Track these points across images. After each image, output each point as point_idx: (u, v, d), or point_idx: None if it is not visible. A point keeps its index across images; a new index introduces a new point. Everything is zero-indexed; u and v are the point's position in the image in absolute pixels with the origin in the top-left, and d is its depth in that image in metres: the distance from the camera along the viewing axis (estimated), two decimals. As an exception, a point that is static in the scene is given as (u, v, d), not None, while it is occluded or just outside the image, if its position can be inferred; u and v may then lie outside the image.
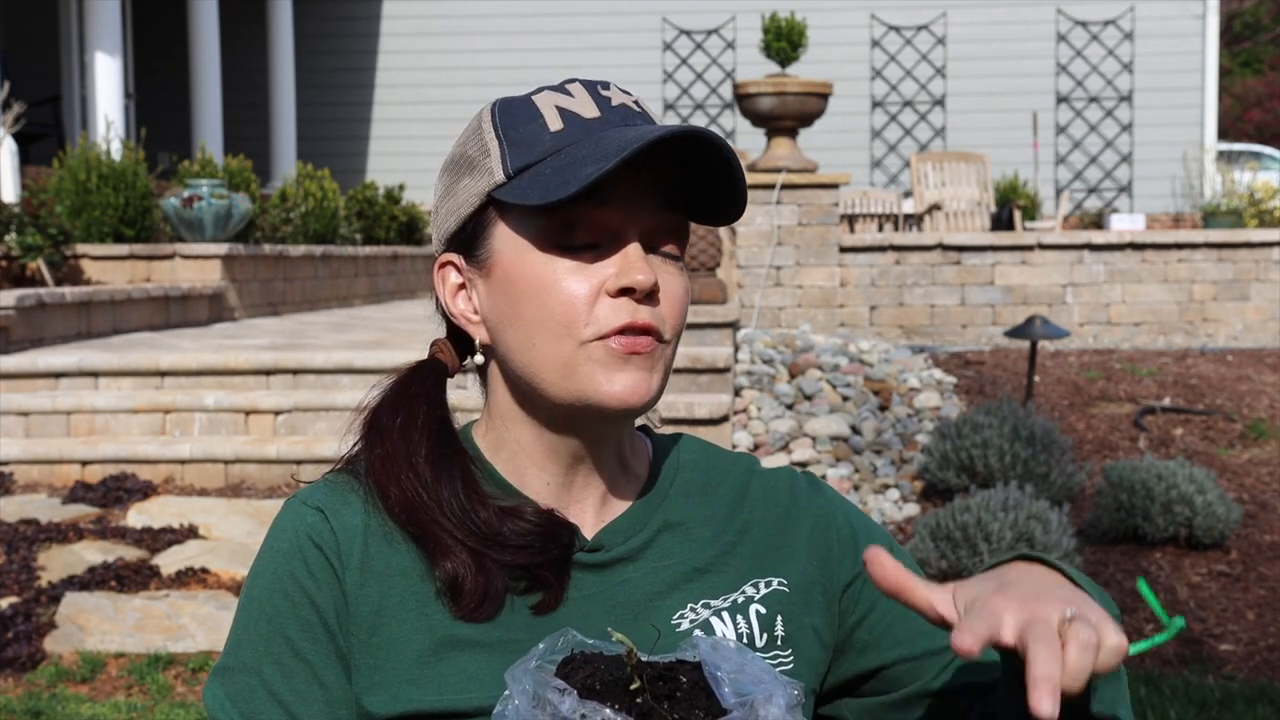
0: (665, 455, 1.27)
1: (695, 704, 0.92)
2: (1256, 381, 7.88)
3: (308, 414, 6.37)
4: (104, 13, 11.41)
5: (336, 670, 1.13)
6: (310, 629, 1.14)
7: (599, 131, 1.13)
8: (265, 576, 1.16)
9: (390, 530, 1.16)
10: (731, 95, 14.46)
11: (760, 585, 1.20)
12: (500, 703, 0.95)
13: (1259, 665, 4.67)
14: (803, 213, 10.02)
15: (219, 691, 1.14)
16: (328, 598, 1.14)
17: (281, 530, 1.18)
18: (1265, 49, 27.80)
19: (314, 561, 1.15)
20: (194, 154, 11.58)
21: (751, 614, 1.19)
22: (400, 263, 12.93)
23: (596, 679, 0.92)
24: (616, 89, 1.18)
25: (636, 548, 1.19)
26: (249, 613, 1.16)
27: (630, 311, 1.12)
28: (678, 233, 1.16)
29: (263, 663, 1.14)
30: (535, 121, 1.15)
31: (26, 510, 5.56)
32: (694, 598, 1.18)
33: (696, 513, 1.23)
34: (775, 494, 1.27)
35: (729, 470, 1.28)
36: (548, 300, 1.13)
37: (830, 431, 6.73)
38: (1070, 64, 16.49)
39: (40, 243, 8.25)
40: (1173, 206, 16.33)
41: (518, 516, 1.16)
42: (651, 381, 1.13)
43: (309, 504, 1.18)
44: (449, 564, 1.13)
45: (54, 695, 4.25)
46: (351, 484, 1.19)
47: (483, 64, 16.52)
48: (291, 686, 1.13)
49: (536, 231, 1.13)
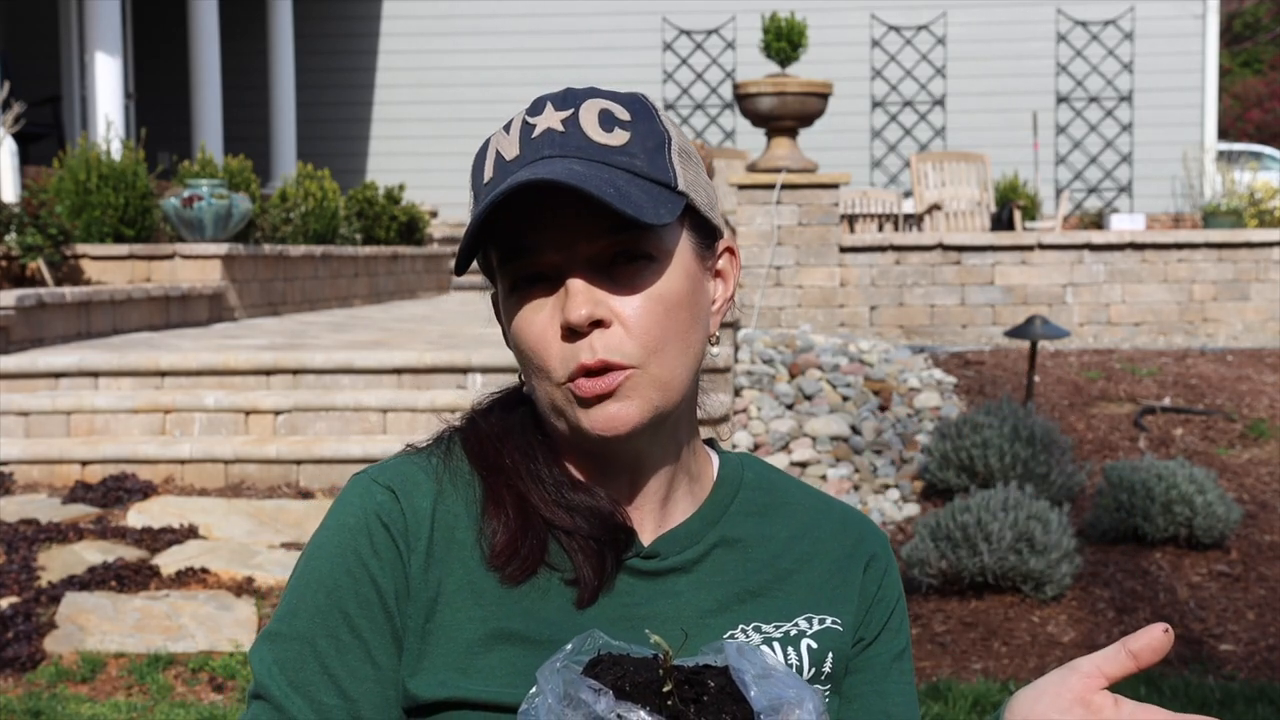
0: (729, 470, 1.27)
1: (723, 708, 0.92)
2: (1256, 381, 7.88)
3: (308, 414, 6.37)
4: (104, 13, 11.41)
5: (391, 651, 1.14)
6: (369, 607, 1.14)
7: (505, 177, 1.13)
8: (329, 549, 1.16)
9: (456, 516, 1.17)
10: (731, 95, 14.46)
11: (814, 621, 1.21)
12: (526, 700, 0.95)
13: (1259, 665, 4.67)
14: (803, 213, 10.02)
15: (267, 655, 1.14)
16: (390, 578, 1.14)
17: (349, 505, 1.18)
18: (1265, 49, 27.80)
19: (380, 541, 1.15)
20: (194, 154, 11.58)
21: (803, 648, 1.20)
22: (400, 263, 12.93)
23: (626, 680, 0.92)
24: (552, 110, 1.16)
25: (691, 560, 1.20)
26: (308, 582, 1.16)
27: (585, 349, 1.12)
28: (630, 246, 1.13)
29: (317, 634, 1.14)
30: (481, 170, 1.17)
31: (26, 510, 5.56)
32: (745, 619, 1.19)
33: (755, 532, 1.24)
34: (844, 533, 1.27)
35: (796, 497, 1.28)
36: (522, 345, 1.15)
37: (830, 431, 6.73)
38: (1070, 64, 16.49)
39: (40, 243, 8.25)
40: (1173, 206, 16.33)
41: (588, 490, 1.18)
42: (628, 410, 1.13)
43: (380, 482, 1.18)
44: (494, 518, 1.16)
45: (54, 695, 4.25)
46: (425, 466, 1.20)
47: (483, 64, 16.52)
48: (344, 662, 1.13)
49: (504, 275, 1.16)
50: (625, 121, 1.16)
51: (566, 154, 1.13)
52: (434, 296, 13.26)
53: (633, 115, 1.16)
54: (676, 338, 1.16)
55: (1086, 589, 5.21)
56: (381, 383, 6.64)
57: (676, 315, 1.16)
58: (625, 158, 1.14)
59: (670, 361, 1.16)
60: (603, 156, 1.13)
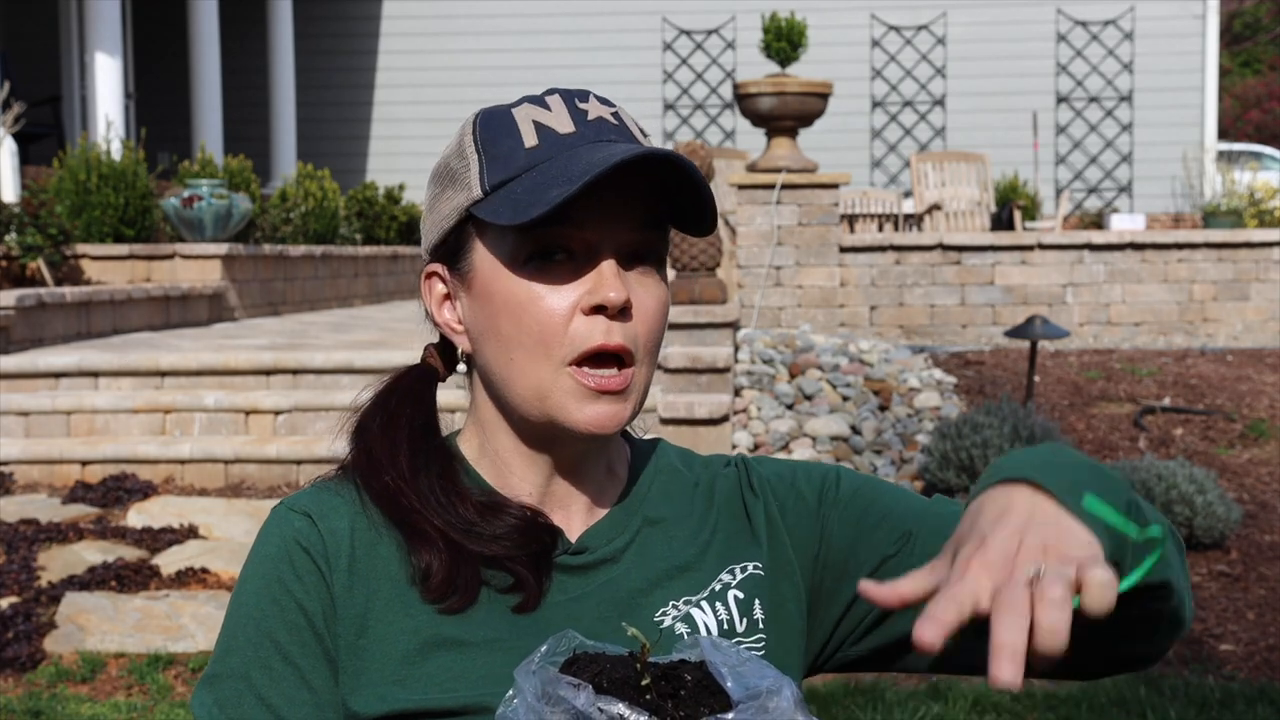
0: (645, 459, 1.28)
1: (701, 700, 0.93)
2: (1256, 381, 7.88)
3: (308, 414, 6.37)
4: (104, 13, 11.41)
5: (324, 673, 1.14)
6: (298, 633, 1.14)
7: (571, 148, 1.14)
8: (253, 583, 1.17)
9: (376, 534, 1.17)
10: (731, 95, 14.46)
11: (736, 571, 1.22)
12: (503, 704, 0.95)
13: (1259, 665, 4.67)
14: (803, 213, 10.02)
15: (207, 699, 1.15)
16: (315, 601, 1.15)
17: (269, 536, 1.18)
18: (1265, 49, 27.80)
19: (301, 566, 1.16)
20: (194, 154, 11.58)
21: (730, 600, 1.20)
22: (400, 263, 12.93)
23: (604, 677, 0.93)
24: (595, 100, 1.18)
25: (619, 548, 1.21)
26: (236, 619, 1.17)
27: (604, 331, 1.13)
28: (654, 246, 1.17)
29: (251, 668, 1.14)
30: (512, 136, 1.16)
31: (26, 510, 5.56)
32: (675, 595, 1.19)
33: (674, 511, 1.25)
34: (731, 484, 1.28)
35: (702, 473, 1.29)
36: (523, 318, 1.14)
37: (830, 431, 6.73)
38: (1070, 64, 16.49)
39: (40, 243, 8.25)
40: (1173, 206, 16.33)
41: (499, 511, 1.17)
42: (624, 412, 1.15)
43: (295, 509, 1.19)
44: (424, 552, 1.15)
45: (54, 695, 4.25)
46: (339, 489, 1.21)
47: (482, 64, 16.52)
48: (280, 690, 1.14)
49: (513, 248, 1.15)
50: (647, 134, 1.21)
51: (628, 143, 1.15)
52: (434, 296, 13.24)
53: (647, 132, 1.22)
54: (659, 345, 1.19)
55: (1086, 589, 5.21)
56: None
57: (664, 323, 1.19)
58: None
59: (653, 366, 1.19)
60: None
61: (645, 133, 1.20)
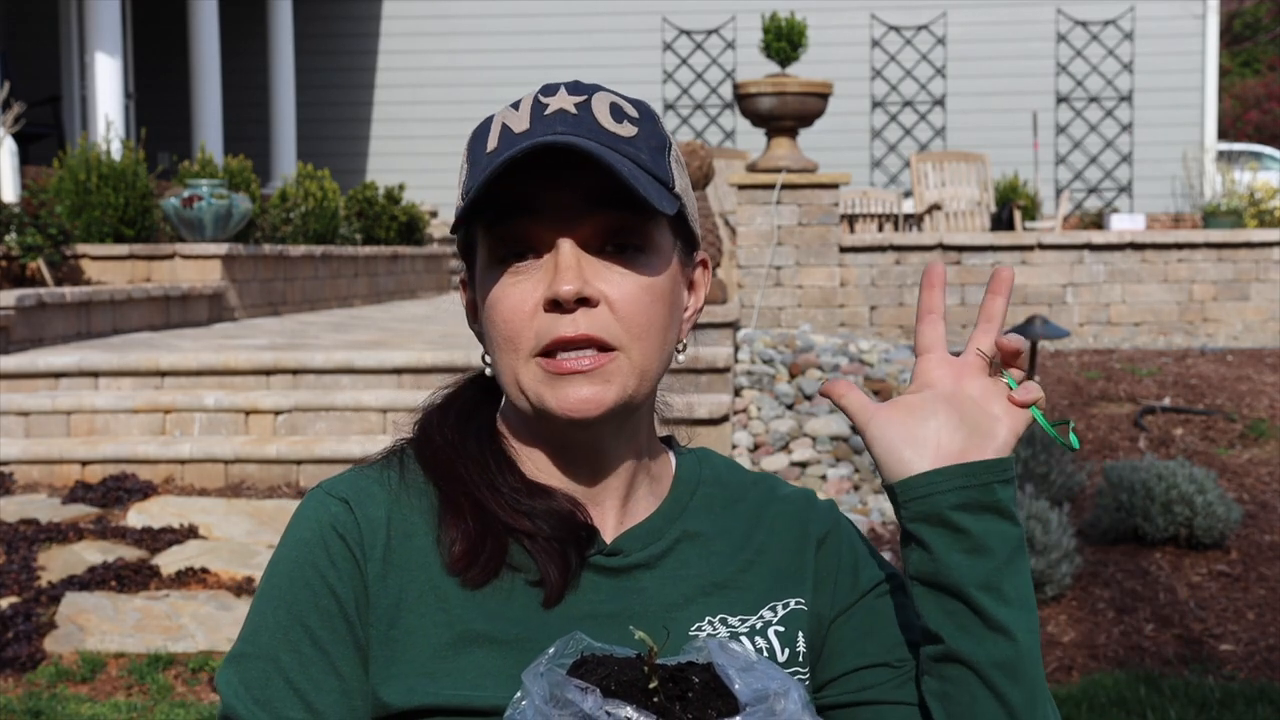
0: (688, 468, 1.28)
1: (709, 702, 0.93)
2: (1256, 381, 7.88)
3: (308, 414, 6.37)
4: (104, 13, 11.41)
5: (354, 661, 1.14)
6: (330, 619, 1.14)
7: (514, 145, 1.14)
8: (286, 565, 1.17)
9: (413, 524, 1.18)
10: (731, 95, 14.46)
11: (778, 608, 1.22)
12: (511, 706, 0.95)
13: (1259, 665, 4.66)
14: (803, 213, 10.02)
15: (233, 677, 1.15)
16: (349, 588, 1.15)
17: (305, 519, 1.18)
18: (1265, 49, 27.80)
19: (336, 552, 1.15)
20: (194, 154, 11.58)
21: (771, 635, 1.20)
22: (400, 263, 12.93)
23: (612, 680, 0.93)
24: (565, 92, 1.17)
25: (655, 555, 1.20)
26: (268, 600, 1.16)
27: (566, 324, 1.13)
28: (626, 228, 1.16)
29: (280, 650, 1.14)
30: (482, 142, 1.18)
31: (26, 510, 5.56)
32: (711, 611, 1.19)
33: (715, 526, 1.24)
34: (793, 516, 1.27)
35: (749, 489, 1.29)
36: (496, 316, 1.16)
37: (830, 431, 6.73)
38: (1070, 64, 16.49)
39: (40, 243, 8.25)
40: (1173, 206, 16.33)
41: (543, 493, 1.19)
42: (606, 393, 1.14)
43: (334, 494, 1.19)
44: (453, 527, 1.16)
45: (54, 695, 4.25)
46: (378, 477, 1.21)
47: (482, 64, 16.53)
48: (308, 675, 1.13)
49: (488, 248, 1.17)
50: (634, 118, 1.18)
51: (578, 134, 1.14)
52: (434, 296, 13.26)
53: (640, 114, 1.19)
54: (658, 330, 1.17)
55: (1086, 589, 5.21)
56: (382, 383, 6.64)
57: (659, 308, 1.17)
58: (632, 149, 1.16)
59: (649, 351, 1.17)
60: (612, 143, 1.15)
61: (630, 117, 1.17)
